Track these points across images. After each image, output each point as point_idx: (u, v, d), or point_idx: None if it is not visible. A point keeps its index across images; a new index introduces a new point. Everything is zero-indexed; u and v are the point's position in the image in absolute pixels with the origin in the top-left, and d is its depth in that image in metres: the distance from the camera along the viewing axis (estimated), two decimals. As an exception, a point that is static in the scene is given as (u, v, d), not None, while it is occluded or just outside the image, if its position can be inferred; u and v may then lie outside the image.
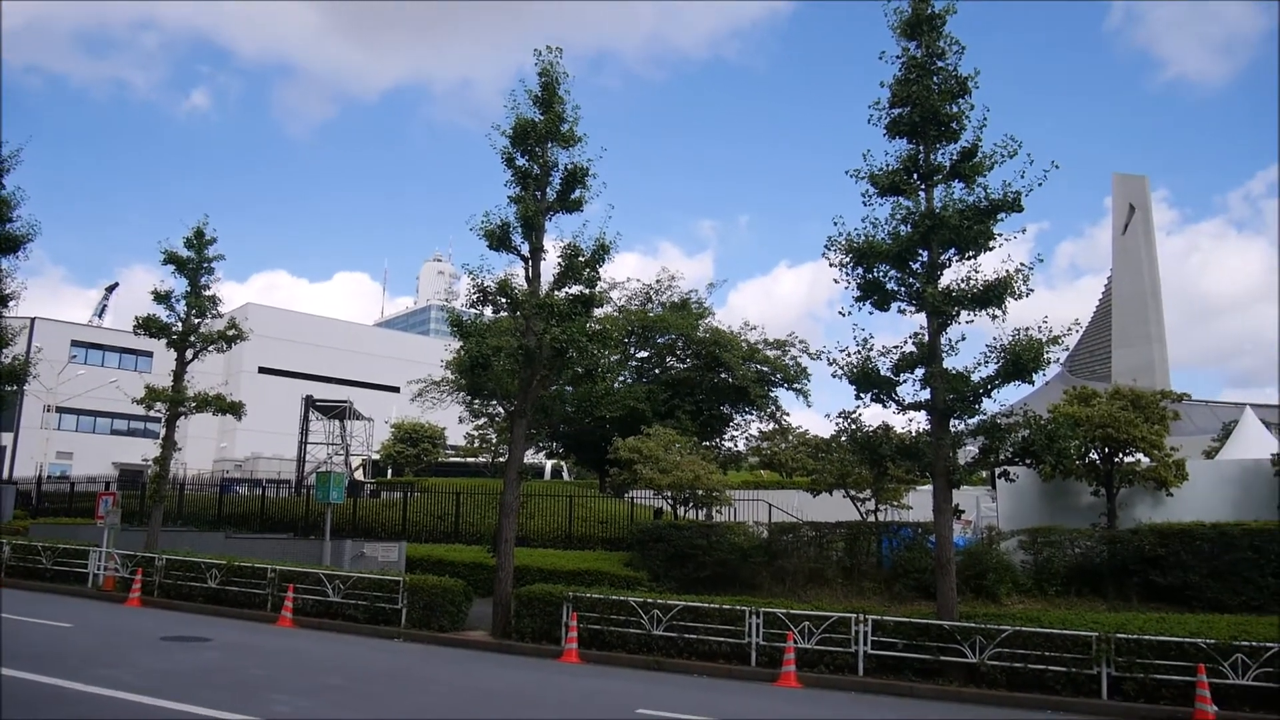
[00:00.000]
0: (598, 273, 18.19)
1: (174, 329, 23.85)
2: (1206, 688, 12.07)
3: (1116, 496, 21.27)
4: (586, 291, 18.14)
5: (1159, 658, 12.78)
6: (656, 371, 34.92)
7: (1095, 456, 20.88)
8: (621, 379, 33.96)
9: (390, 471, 46.07)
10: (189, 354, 24.05)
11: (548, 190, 18.34)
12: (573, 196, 18.39)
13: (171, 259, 23.81)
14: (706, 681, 14.22)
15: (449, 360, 36.15)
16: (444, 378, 42.55)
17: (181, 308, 23.98)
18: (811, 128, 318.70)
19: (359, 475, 45.03)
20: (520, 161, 18.33)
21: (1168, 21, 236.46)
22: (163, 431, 24.53)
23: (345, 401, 49.47)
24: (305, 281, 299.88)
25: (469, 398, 37.05)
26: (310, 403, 47.39)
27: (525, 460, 20.63)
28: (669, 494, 23.32)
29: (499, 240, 17.98)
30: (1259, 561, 18.11)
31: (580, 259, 17.91)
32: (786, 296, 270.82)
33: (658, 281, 36.66)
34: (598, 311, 29.55)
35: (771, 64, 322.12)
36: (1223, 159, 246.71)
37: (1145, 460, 20.88)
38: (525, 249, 18.18)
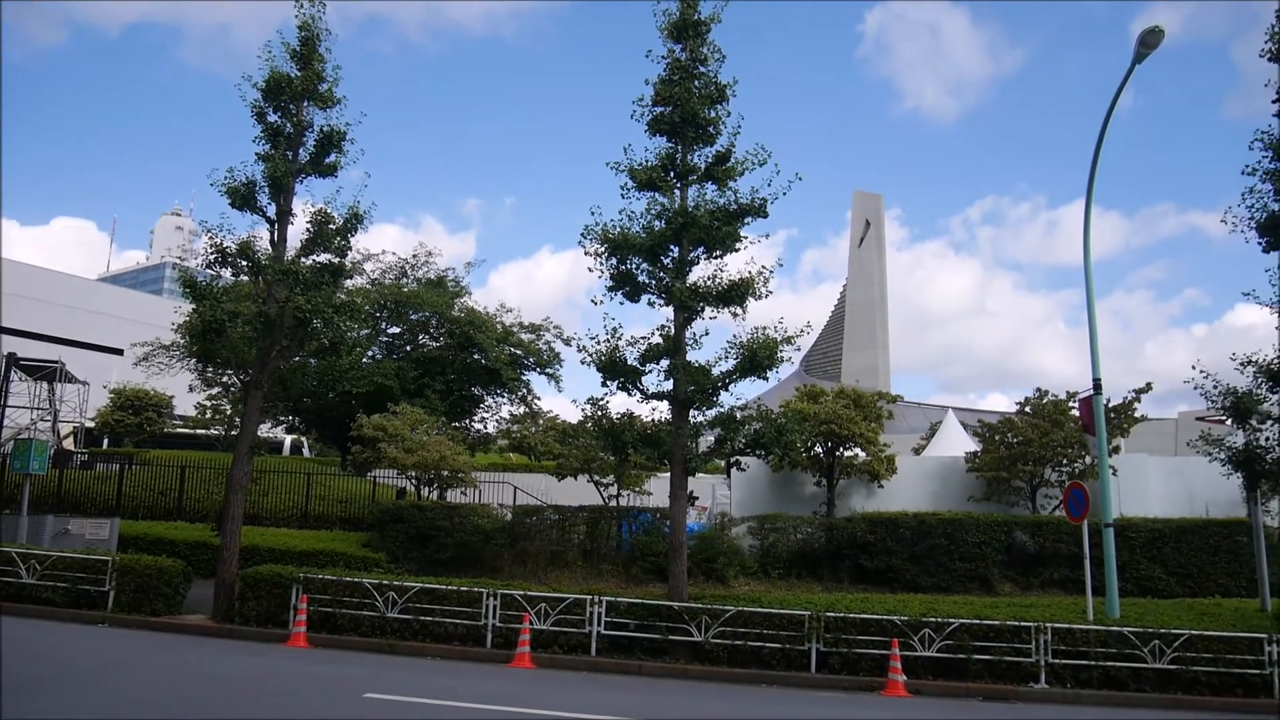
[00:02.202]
0: (349, 242, 17.47)
1: None
2: (899, 660, 13.38)
3: (836, 487, 23.05)
4: (336, 261, 17.40)
5: (861, 634, 14.02)
6: (408, 349, 34.03)
7: (820, 450, 22.51)
8: (370, 354, 32.85)
9: (107, 441, 42.12)
10: None
11: (300, 151, 17.42)
12: (327, 160, 17.57)
13: None
14: (440, 664, 14.08)
15: (180, 324, 33.54)
16: (174, 342, 39.35)
17: None
18: (583, 117, 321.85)
19: (69, 444, 40.85)
20: (272, 118, 17.28)
21: (910, 58, 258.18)
22: None
23: (56, 362, 44.58)
24: (15, 224, 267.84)
25: (201, 365, 34.50)
26: (12, 361, 42.36)
27: (263, 435, 19.53)
28: (413, 474, 22.87)
29: (243, 199, 16.87)
30: (950, 547, 20.25)
31: (331, 226, 17.15)
32: (548, 281, 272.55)
33: (414, 256, 35.69)
34: (348, 283, 28.50)
35: (549, 49, 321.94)
36: (948, 187, 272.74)
37: (862, 455, 22.75)
38: (272, 211, 17.18)
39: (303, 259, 17.06)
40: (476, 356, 33.01)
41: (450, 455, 22.24)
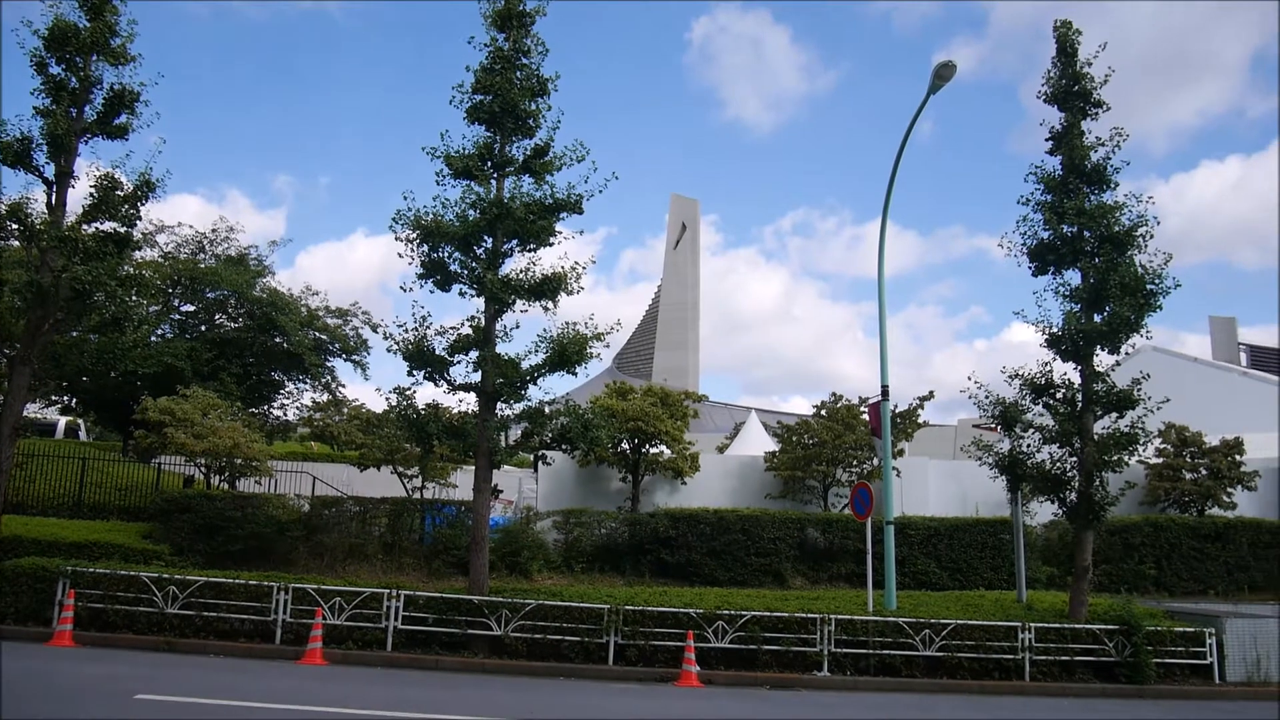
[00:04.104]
0: (139, 211, 16.30)
1: None
2: (693, 651, 13.80)
3: (641, 483, 23.47)
4: (123, 230, 16.20)
5: (658, 626, 14.39)
6: (203, 328, 32.03)
7: (626, 446, 22.86)
8: (160, 332, 30.71)
9: None
10: None
11: (86, 109, 16.12)
12: (117, 121, 16.34)
13: None
14: (225, 662, 13.40)
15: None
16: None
17: None
18: (406, 98, 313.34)
19: None
20: (55, 70, 15.91)
21: (734, 68, 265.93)
22: None
23: None
24: None
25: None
26: None
27: (33, 415, 17.92)
28: (203, 462, 21.61)
29: (16, 157, 15.44)
30: (747, 543, 21.01)
31: (119, 193, 15.95)
32: (361, 265, 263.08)
33: (214, 231, 33.58)
34: (137, 254, 26.58)
35: (374, 29, 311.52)
36: (763, 197, 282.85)
37: (667, 452, 23.26)
38: (50, 171, 15.80)
39: (85, 226, 15.79)
40: (278, 340, 31.47)
41: (245, 442, 21.15)
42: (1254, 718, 13.27)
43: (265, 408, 33.73)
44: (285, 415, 34.86)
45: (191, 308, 32.58)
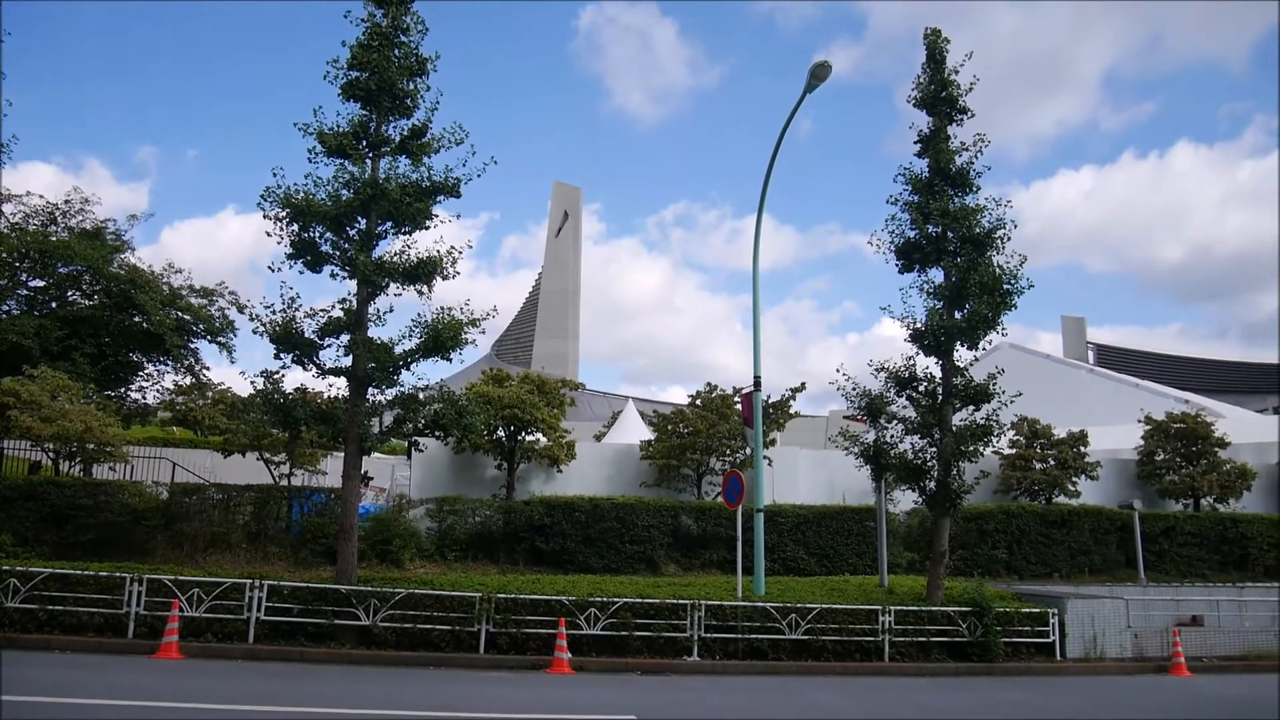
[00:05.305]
0: (-21, 179, 15.26)
1: None
2: (565, 638, 13.85)
3: (517, 471, 23.34)
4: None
5: (531, 614, 14.37)
6: (53, 305, 30.17)
7: (502, 434, 22.70)
8: (5, 308, 28.80)
9: None
10: None
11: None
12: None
13: None
14: (71, 658, 12.74)
15: None
16: None
17: None
18: (281, 69, 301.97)
19: None
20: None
21: (621, 59, 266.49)
22: None
23: None
24: None
25: None
26: None
27: None
28: (52, 447, 20.43)
29: None
30: (621, 530, 21.18)
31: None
32: (231, 244, 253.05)
33: (67, 203, 31.59)
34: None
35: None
36: (646, 188, 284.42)
37: (544, 440, 23.20)
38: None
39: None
40: (137, 319, 29.88)
41: (98, 426, 20.07)
42: (1078, 690, 14.15)
43: (122, 390, 31.98)
44: (144, 398, 33.17)
45: (41, 283, 30.64)
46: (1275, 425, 35.92)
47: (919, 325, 17.25)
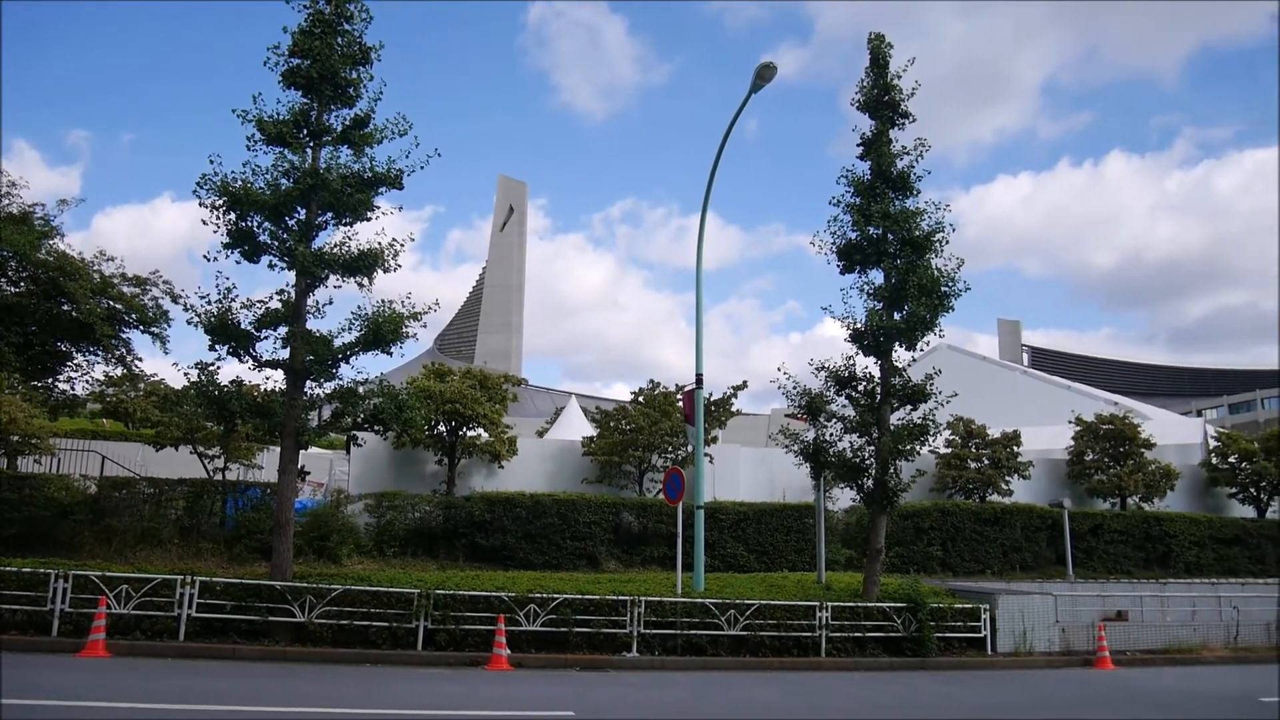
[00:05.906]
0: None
1: None
2: (504, 635, 13.79)
3: (458, 466, 23.17)
4: None
5: (470, 611, 14.27)
6: (-24, 293, 29.19)
7: (443, 429, 22.50)
8: (-75, 296, 27.77)
9: None
10: None
11: None
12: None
13: None
14: (-12, 656, 12.31)
15: None
16: None
17: None
18: (222, 53, 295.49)
19: None
20: None
21: (568, 55, 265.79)
22: None
23: None
24: None
25: None
26: None
27: None
28: (-28, 439, 19.79)
29: None
30: (562, 526, 21.14)
31: None
32: (167, 231, 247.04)
33: (-9, 186, 30.61)
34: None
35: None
36: (593, 184, 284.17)
37: (485, 435, 23.05)
38: None
39: None
40: (66, 308, 29.00)
41: (23, 418, 19.55)
42: (1006, 684, 14.50)
43: (50, 381, 31.03)
44: (73, 390, 32.25)
45: (-37, 269, 29.63)
46: (1199, 428, 37.19)
47: (859, 325, 17.49)
